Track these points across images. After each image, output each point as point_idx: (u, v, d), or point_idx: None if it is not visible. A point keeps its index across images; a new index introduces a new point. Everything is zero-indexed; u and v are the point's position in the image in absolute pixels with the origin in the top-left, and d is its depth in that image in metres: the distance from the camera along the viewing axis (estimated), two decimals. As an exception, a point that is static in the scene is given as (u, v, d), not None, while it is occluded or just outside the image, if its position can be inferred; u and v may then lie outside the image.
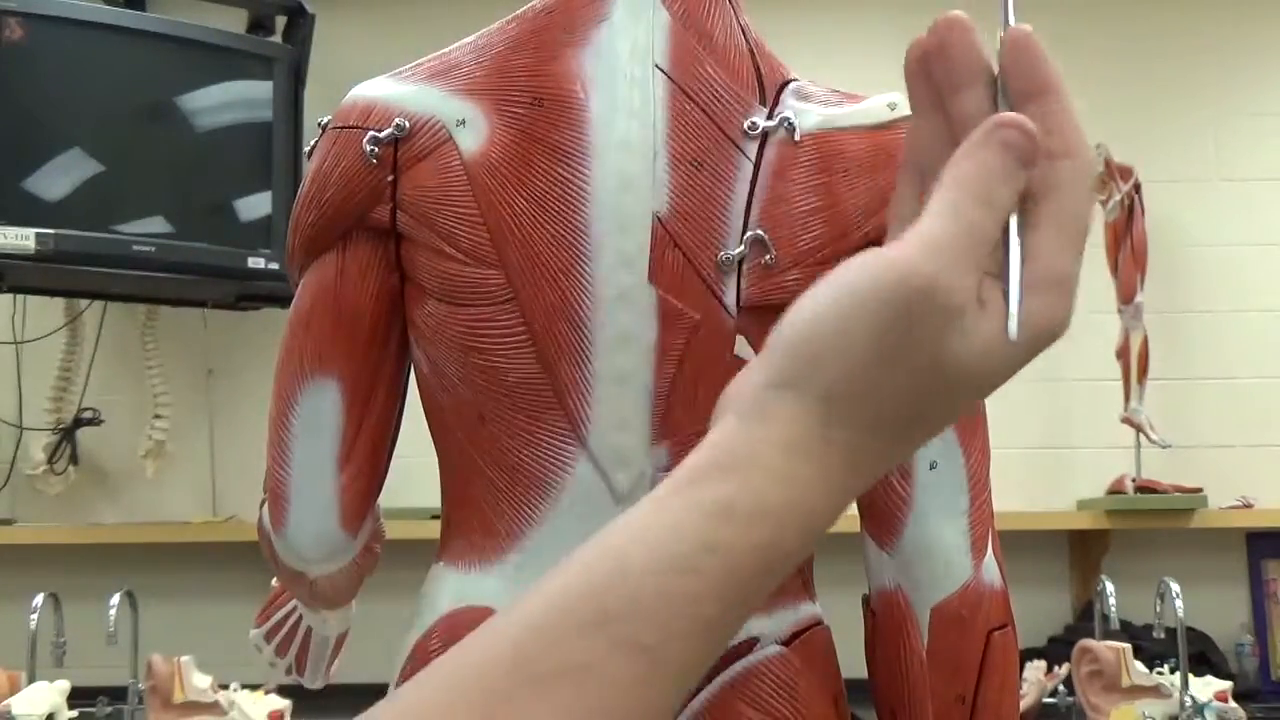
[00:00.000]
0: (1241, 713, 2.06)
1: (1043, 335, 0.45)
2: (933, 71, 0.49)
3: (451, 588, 0.89)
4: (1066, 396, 2.89)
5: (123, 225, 2.48)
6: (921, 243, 0.44)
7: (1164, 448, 2.72)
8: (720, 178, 0.85)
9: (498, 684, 0.40)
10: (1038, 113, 0.46)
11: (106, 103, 2.51)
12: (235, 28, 2.74)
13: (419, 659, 0.88)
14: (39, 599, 2.10)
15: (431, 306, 0.88)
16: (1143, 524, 2.73)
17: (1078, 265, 0.46)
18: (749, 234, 0.84)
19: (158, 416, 2.76)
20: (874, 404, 0.45)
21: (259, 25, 2.78)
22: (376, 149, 0.88)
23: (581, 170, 0.85)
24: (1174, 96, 2.99)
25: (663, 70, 0.87)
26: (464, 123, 0.87)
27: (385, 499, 1.00)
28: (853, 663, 0.92)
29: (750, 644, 0.85)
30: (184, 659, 2.01)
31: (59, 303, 2.76)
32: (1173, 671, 2.11)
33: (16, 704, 1.92)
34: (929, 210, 0.45)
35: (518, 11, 0.92)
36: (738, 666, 0.84)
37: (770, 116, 0.87)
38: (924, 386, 0.45)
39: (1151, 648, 2.33)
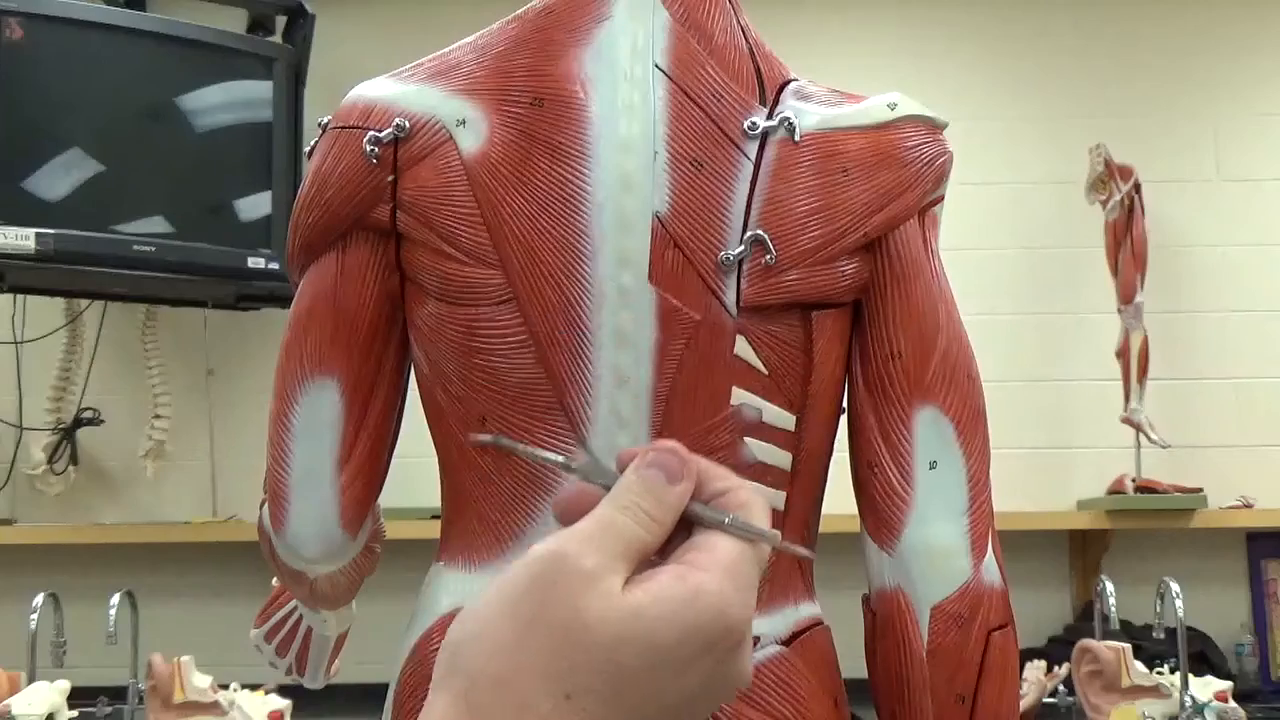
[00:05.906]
0: (1241, 713, 2.06)
1: (706, 610, 0.48)
2: None
3: (451, 588, 0.89)
4: (1066, 396, 2.89)
5: (123, 225, 2.48)
6: (558, 535, 0.50)
7: (1164, 448, 2.72)
8: (720, 177, 0.85)
9: None
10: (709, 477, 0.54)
11: (106, 103, 2.51)
12: (235, 28, 2.74)
13: (419, 659, 0.88)
14: (39, 599, 2.10)
15: (431, 306, 0.88)
16: (1143, 524, 2.73)
17: (753, 568, 0.51)
18: (749, 234, 0.84)
19: (158, 416, 2.76)
20: (519, 682, 0.46)
21: (259, 25, 2.78)
22: (377, 149, 0.88)
23: (582, 170, 0.85)
24: (1174, 96, 2.99)
25: (663, 70, 0.87)
26: (464, 123, 0.87)
27: (385, 499, 1.00)
28: (853, 663, 0.92)
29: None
30: (184, 659, 2.01)
31: (59, 303, 2.76)
32: (1173, 671, 2.11)
33: (16, 704, 1.92)
34: None
35: (518, 11, 0.92)
36: (738, 666, 0.84)
37: (770, 116, 0.87)
38: (573, 648, 0.47)
39: (1151, 648, 2.34)
